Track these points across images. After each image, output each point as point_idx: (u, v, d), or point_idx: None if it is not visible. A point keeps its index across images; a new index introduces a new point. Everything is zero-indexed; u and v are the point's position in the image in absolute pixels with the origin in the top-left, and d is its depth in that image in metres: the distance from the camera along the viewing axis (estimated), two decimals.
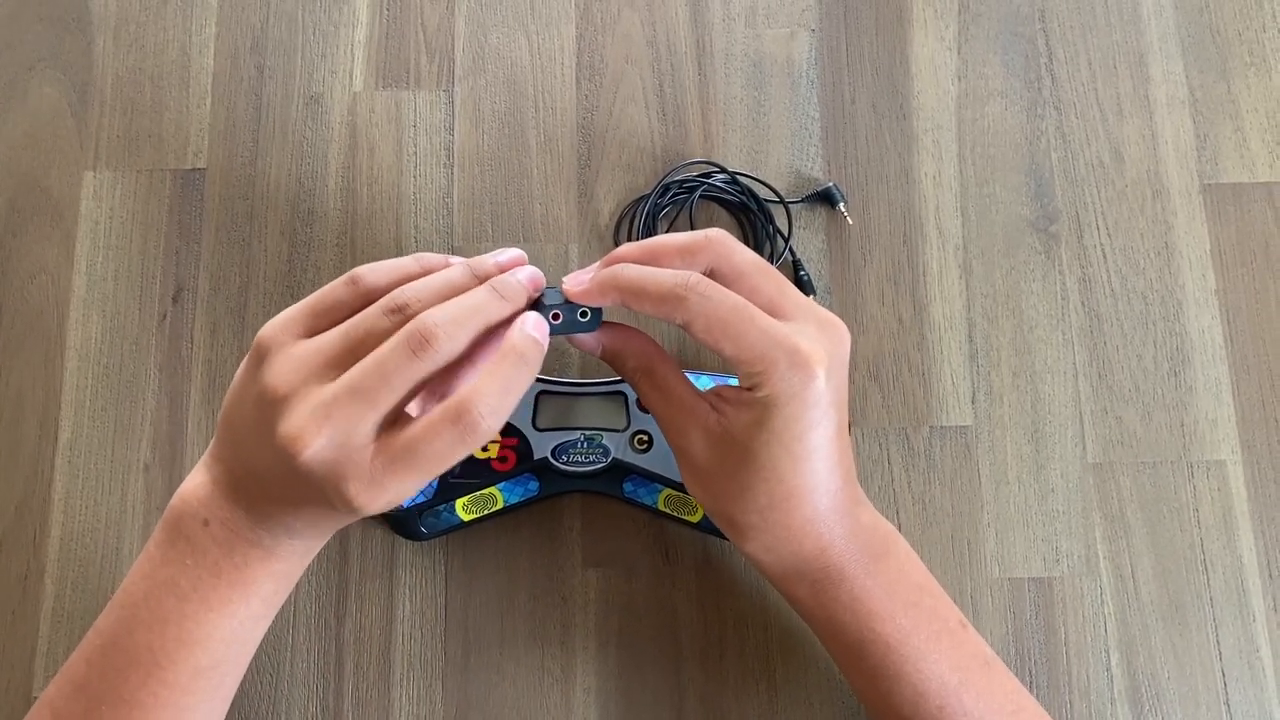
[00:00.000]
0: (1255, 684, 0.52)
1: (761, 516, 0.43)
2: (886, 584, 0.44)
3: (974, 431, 0.55)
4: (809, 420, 0.41)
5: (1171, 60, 0.60)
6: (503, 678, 0.52)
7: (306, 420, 0.37)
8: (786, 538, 0.43)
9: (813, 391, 0.41)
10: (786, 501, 0.42)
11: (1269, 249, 0.57)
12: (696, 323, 0.40)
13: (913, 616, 0.44)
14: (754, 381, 0.41)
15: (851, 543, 0.44)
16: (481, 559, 0.53)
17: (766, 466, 0.42)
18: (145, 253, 0.57)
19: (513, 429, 0.51)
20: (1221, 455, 0.55)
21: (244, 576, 0.41)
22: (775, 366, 0.40)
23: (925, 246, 0.57)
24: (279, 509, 0.40)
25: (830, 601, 0.44)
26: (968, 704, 0.43)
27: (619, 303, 0.42)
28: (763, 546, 0.44)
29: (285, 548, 0.42)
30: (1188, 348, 0.56)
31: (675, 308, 0.41)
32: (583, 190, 0.58)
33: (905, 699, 0.43)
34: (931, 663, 0.43)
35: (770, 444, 0.41)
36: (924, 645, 0.43)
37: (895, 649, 0.43)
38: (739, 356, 0.41)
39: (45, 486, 0.54)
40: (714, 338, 0.40)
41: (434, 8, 0.61)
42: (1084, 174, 0.58)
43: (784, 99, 0.59)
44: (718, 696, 0.52)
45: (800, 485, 0.42)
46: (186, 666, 0.41)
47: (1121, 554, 0.53)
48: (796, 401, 0.40)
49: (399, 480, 0.38)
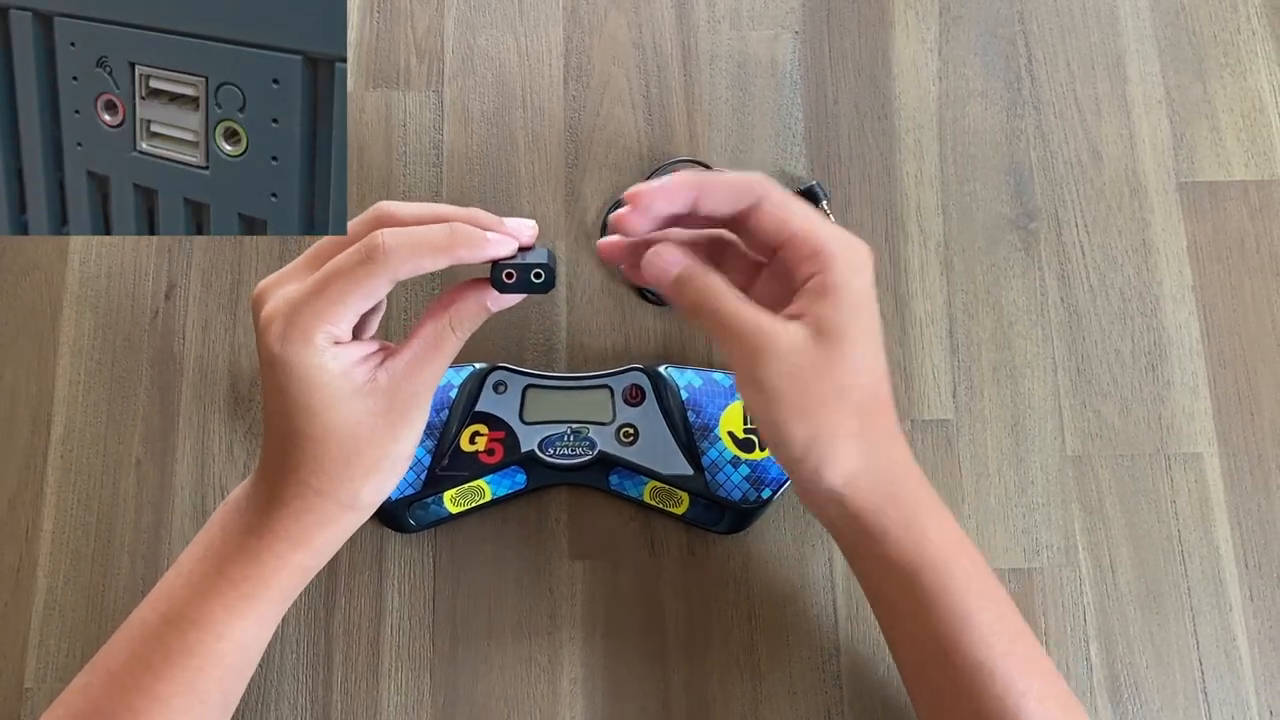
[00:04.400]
0: (1232, 672, 0.53)
1: (860, 419, 0.42)
2: (950, 517, 0.45)
3: (955, 425, 0.56)
4: (873, 303, 0.42)
5: (1148, 61, 0.61)
6: (490, 668, 0.52)
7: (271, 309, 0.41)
8: (884, 446, 0.43)
9: (869, 270, 0.42)
10: (876, 398, 0.43)
11: (1244, 246, 0.58)
12: (771, 197, 0.42)
13: (977, 561, 0.44)
14: (819, 265, 0.41)
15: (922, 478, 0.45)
16: (469, 551, 0.54)
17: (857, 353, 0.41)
18: (138, 250, 0.58)
19: (500, 422, 0.52)
20: (1198, 448, 0.56)
21: (267, 571, 0.43)
22: (839, 242, 0.42)
23: (907, 244, 0.58)
24: (288, 476, 0.42)
25: (919, 535, 0.43)
26: (1031, 653, 0.43)
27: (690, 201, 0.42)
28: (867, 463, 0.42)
29: (304, 531, 0.43)
30: (1165, 342, 0.57)
31: (749, 186, 0.42)
32: (570, 189, 0.59)
33: (978, 640, 0.42)
34: (1000, 603, 0.44)
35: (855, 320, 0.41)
36: (991, 587, 0.44)
37: (971, 589, 0.43)
38: (808, 230, 0.42)
39: (38, 481, 0.55)
40: (783, 212, 0.42)
41: (423, 10, 0.62)
42: (1063, 173, 0.59)
43: (768, 99, 0.60)
44: (703, 685, 0.52)
45: (882, 378, 0.43)
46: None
47: (1100, 545, 0.54)
48: (862, 276, 0.42)
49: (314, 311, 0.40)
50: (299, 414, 0.41)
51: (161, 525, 0.54)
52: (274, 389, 0.41)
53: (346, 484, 0.42)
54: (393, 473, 0.43)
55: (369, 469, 0.42)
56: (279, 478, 0.43)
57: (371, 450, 0.42)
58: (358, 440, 0.42)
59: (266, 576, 0.43)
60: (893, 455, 0.44)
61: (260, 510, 0.43)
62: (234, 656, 0.43)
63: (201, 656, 0.42)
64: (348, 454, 0.42)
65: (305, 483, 0.42)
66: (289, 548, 0.43)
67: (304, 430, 0.41)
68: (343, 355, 0.41)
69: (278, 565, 0.43)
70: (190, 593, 0.43)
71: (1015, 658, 0.43)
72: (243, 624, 0.43)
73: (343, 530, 0.44)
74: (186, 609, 0.43)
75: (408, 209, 0.42)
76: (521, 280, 0.42)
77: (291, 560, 0.43)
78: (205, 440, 0.55)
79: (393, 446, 0.42)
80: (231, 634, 0.43)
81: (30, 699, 0.52)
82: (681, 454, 0.52)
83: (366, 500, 0.43)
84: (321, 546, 0.44)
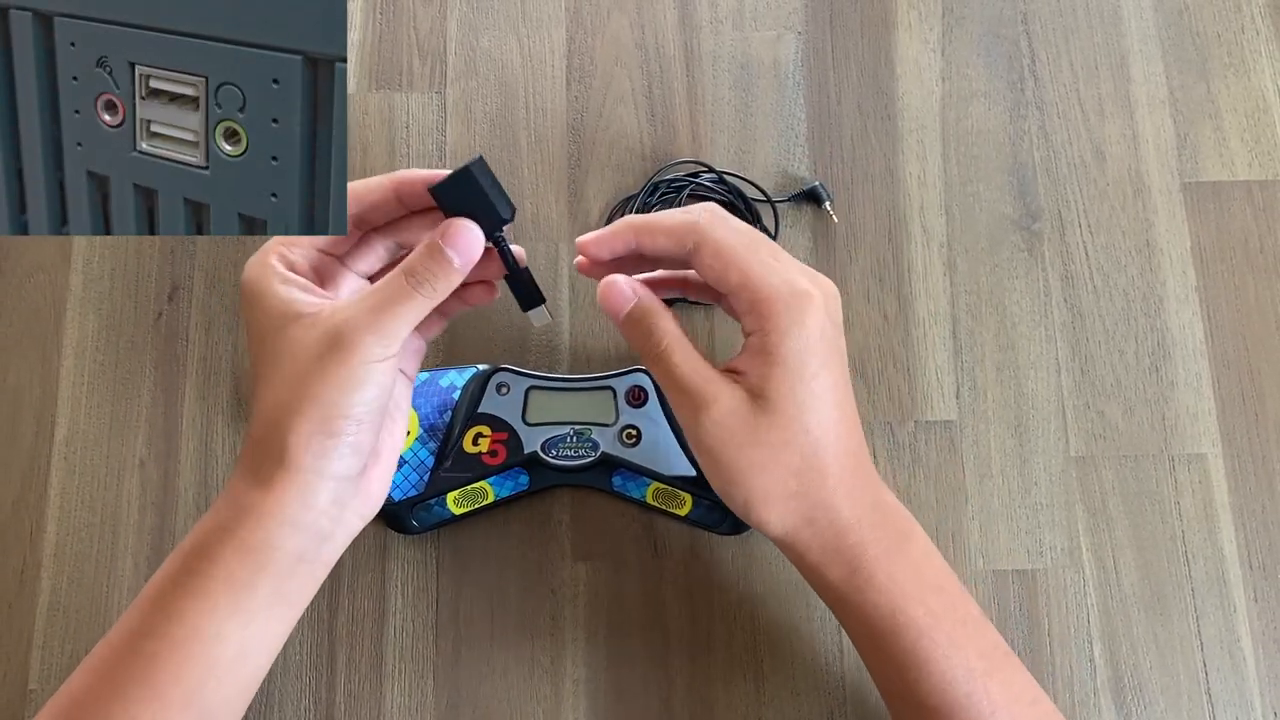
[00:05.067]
0: (1236, 673, 0.53)
1: (798, 479, 0.42)
2: (914, 566, 0.44)
3: (958, 426, 0.56)
4: (820, 356, 0.42)
5: (1152, 61, 0.61)
6: (493, 669, 0.52)
7: (256, 254, 0.43)
8: (823, 503, 0.43)
9: (814, 320, 0.42)
10: (815, 457, 0.42)
11: (1248, 246, 0.58)
12: (706, 248, 0.42)
13: (940, 601, 0.44)
14: (758, 319, 0.42)
15: (878, 515, 0.44)
16: (472, 552, 0.54)
17: (791, 415, 0.42)
18: (141, 251, 0.58)
19: (503, 424, 0.52)
20: (1202, 449, 0.56)
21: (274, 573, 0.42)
22: (778, 296, 0.41)
23: (910, 244, 0.58)
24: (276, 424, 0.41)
25: (865, 584, 0.43)
26: (994, 692, 0.43)
27: (630, 245, 0.44)
28: (804, 519, 0.43)
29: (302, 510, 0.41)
30: (1169, 343, 0.57)
31: (688, 231, 0.42)
32: (573, 190, 0.59)
33: (933, 686, 0.43)
34: (959, 649, 0.43)
35: (793, 388, 0.41)
36: (952, 631, 0.43)
37: (926, 634, 0.43)
38: (744, 283, 0.42)
39: (42, 482, 0.55)
40: (722, 263, 0.42)
41: (426, 11, 0.62)
42: (1066, 173, 0.59)
43: (770, 100, 0.60)
44: (705, 687, 0.52)
45: (823, 436, 0.42)
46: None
47: (1104, 546, 0.54)
48: (802, 333, 0.41)
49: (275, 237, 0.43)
50: (254, 344, 0.42)
51: (165, 527, 0.54)
52: (245, 326, 0.44)
53: (275, 429, 0.40)
54: (320, 422, 0.40)
55: (294, 409, 0.40)
56: (241, 444, 0.44)
57: (300, 385, 0.40)
58: (292, 372, 0.40)
59: (211, 550, 0.41)
60: (836, 508, 0.43)
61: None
62: (190, 646, 0.40)
63: (156, 641, 0.40)
64: (282, 392, 0.40)
65: (252, 436, 0.42)
66: (230, 516, 0.41)
67: (257, 367, 0.42)
68: (292, 281, 0.42)
69: (220, 538, 0.41)
70: (158, 573, 0.42)
71: (975, 699, 0.42)
72: (194, 605, 0.40)
73: (283, 503, 0.41)
74: (151, 590, 0.42)
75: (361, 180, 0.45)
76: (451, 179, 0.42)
77: (235, 534, 0.41)
78: (209, 442, 0.55)
79: (321, 388, 0.40)
80: (183, 616, 0.40)
81: (34, 700, 0.52)
82: (684, 455, 0.52)
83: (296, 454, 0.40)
84: (264, 520, 0.41)
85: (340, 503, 0.42)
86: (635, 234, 0.44)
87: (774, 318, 0.41)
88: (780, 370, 0.41)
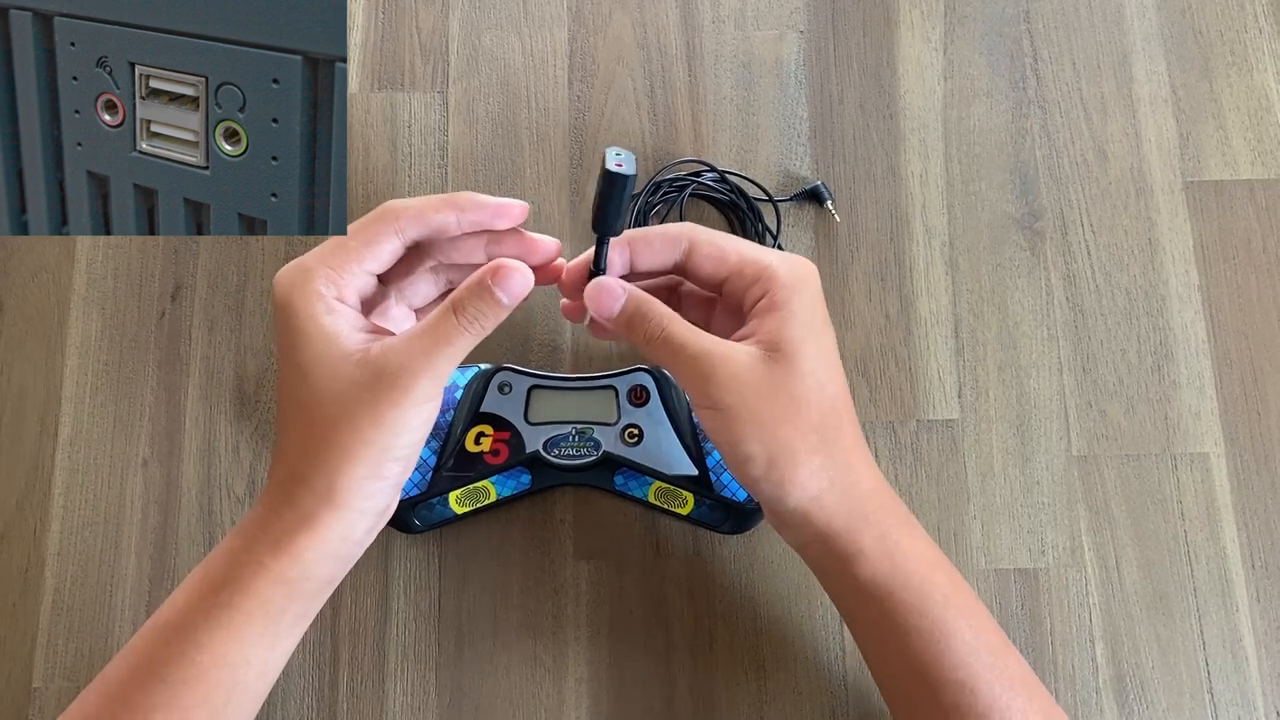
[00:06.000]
0: (1239, 673, 0.52)
1: (819, 435, 0.42)
2: (926, 537, 0.44)
3: (960, 425, 0.56)
4: (822, 317, 0.43)
5: (1154, 60, 0.61)
6: (496, 668, 0.53)
7: (286, 266, 0.42)
8: (846, 464, 0.42)
9: (814, 283, 0.44)
10: (834, 414, 0.42)
11: (1250, 245, 0.58)
12: (701, 243, 0.44)
13: (953, 575, 0.44)
14: (764, 287, 0.43)
15: (887, 488, 0.44)
16: (475, 551, 0.54)
17: (808, 369, 0.42)
18: (144, 251, 0.58)
19: (505, 423, 0.52)
20: (1205, 448, 0.55)
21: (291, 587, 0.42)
22: (780, 261, 0.43)
23: (911, 244, 0.58)
24: (303, 455, 0.41)
25: (894, 549, 0.42)
26: (1011, 667, 0.43)
27: (627, 256, 0.45)
28: (829, 480, 0.42)
29: (325, 527, 0.41)
30: (1171, 342, 0.57)
31: (679, 234, 0.44)
32: (574, 189, 0.59)
33: (960, 659, 0.42)
34: (979, 618, 0.43)
35: (805, 340, 0.42)
36: (971, 604, 0.43)
37: (952, 602, 0.42)
38: (744, 260, 0.43)
39: (46, 481, 0.55)
40: (719, 250, 0.44)
41: (428, 10, 0.62)
42: (1068, 172, 0.59)
43: (772, 99, 0.60)
44: (708, 686, 0.52)
45: (839, 392, 0.43)
46: None
47: (1106, 545, 0.54)
48: (807, 291, 0.43)
49: (320, 257, 0.41)
50: (293, 374, 0.41)
51: (168, 526, 0.54)
52: (279, 350, 0.42)
53: (322, 466, 0.40)
54: (373, 465, 0.40)
55: (345, 452, 0.40)
56: (272, 469, 0.42)
57: (350, 427, 0.40)
58: (339, 414, 0.40)
59: (244, 583, 0.41)
60: (858, 470, 0.43)
61: (252, 510, 0.43)
62: (218, 673, 0.40)
63: (183, 669, 0.40)
64: (327, 431, 0.40)
65: (289, 466, 0.41)
66: (266, 551, 0.41)
67: (294, 396, 0.41)
68: (340, 313, 0.41)
69: (256, 571, 0.41)
70: (180, 598, 0.42)
71: (997, 673, 0.42)
72: (222, 635, 0.40)
73: (325, 539, 0.41)
74: (174, 617, 0.41)
75: (414, 200, 0.43)
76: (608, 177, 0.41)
77: (270, 568, 0.41)
78: (212, 441, 0.55)
79: (374, 431, 0.40)
80: (212, 646, 0.40)
81: (38, 698, 0.52)
82: (686, 455, 0.52)
83: (344, 495, 0.40)
84: (303, 554, 0.41)
85: (372, 531, 0.44)
86: (629, 242, 0.45)
87: (779, 278, 0.43)
88: (797, 322, 0.42)
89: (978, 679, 0.42)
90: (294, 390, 0.41)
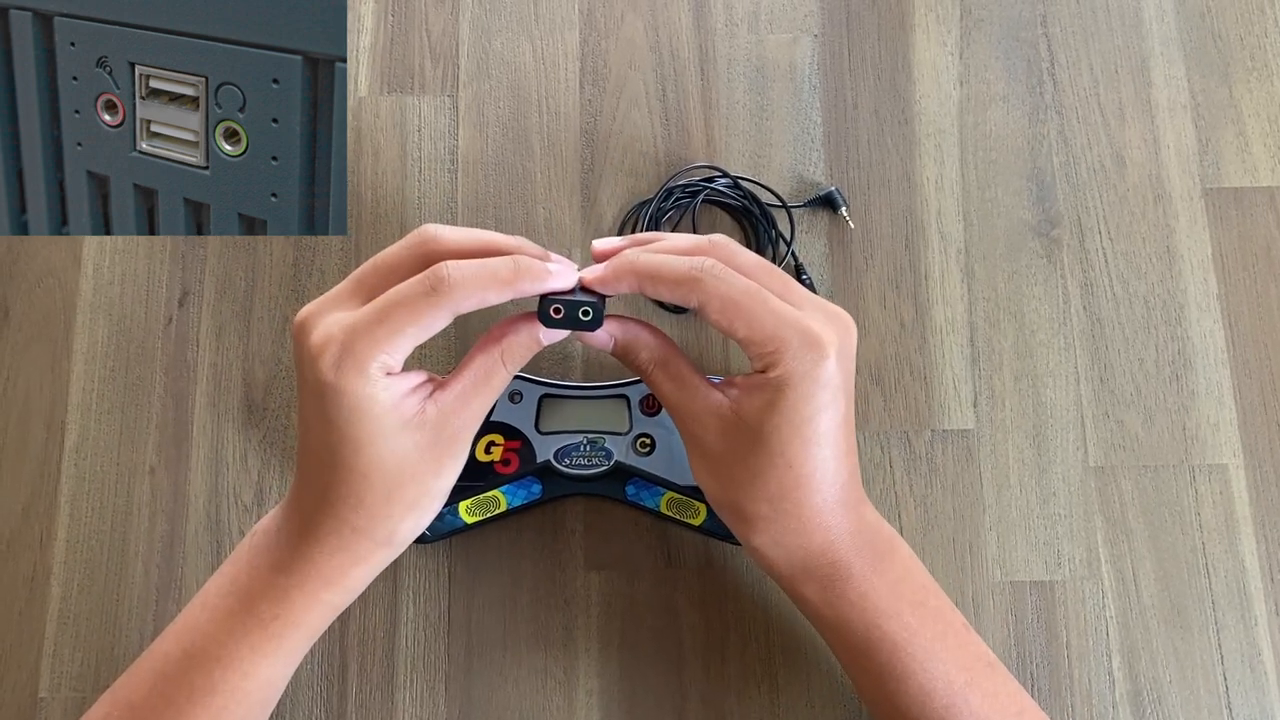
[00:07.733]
0: (1257, 688, 0.52)
1: (771, 506, 0.43)
2: (892, 582, 0.44)
3: (976, 435, 0.55)
4: (819, 402, 0.41)
5: (1173, 65, 0.60)
6: (506, 680, 0.52)
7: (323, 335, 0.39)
8: (796, 529, 0.43)
9: (824, 371, 0.41)
10: (796, 490, 0.42)
11: (1270, 253, 0.58)
12: (711, 304, 0.41)
13: (919, 616, 0.44)
14: (766, 362, 0.41)
15: (857, 539, 0.44)
16: (485, 562, 0.53)
17: (777, 450, 0.42)
18: (151, 256, 0.57)
19: (516, 432, 0.52)
20: (1223, 459, 0.55)
21: (294, 611, 0.43)
22: (787, 346, 0.41)
23: (927, 250, 0.58)
24: (324, 509, 0.41)
25: (837, 599, 0.44)
26: (974, 704, 0.43)
27: (634, 288, 0.42)
28: (771, 540, 0.43)
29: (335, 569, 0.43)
30: (1189, 351, 0.56)
31: (691, 289, 0.41)
32: (586, 194, 0.59)
33: (912, 699, 0.43)
34: (938, 662, 0.43)
35: (781, 427, 0.41)
36: (930, 645, 0.44)
37: (902, 648, 0.43)
38: (751, 337, 0.41)
39: (52, 488, 0.54)
40: (728, 318, 0.41)
41: (438, 14, 0.61)
42: (1086, 178, 0.59)
43: (786, 104, 0.60)
44: (720, 698, 0.52)
45: (810, 473, 0.42)
46: None
47: (1123, 557, 0.54)
48: (808, 381, 0.41)
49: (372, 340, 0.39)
50: (344, 445, 0.40)
51: (175, 534, 0.54)
52: (319, 418, 0.40)
53: (385, 521, 0.41)
54: (431, 508, 0.43)
55: (409, 505, 0.42)
56: (315, 513, 0.42)
57: (414, 485, 0.41)
58: (402, 475, 0.41)
59: (296, 615, 0.42)
60: (807, 534, 0.43)
61: (292, 546, 0.42)
62: (258, 694, 0.43)
63: (226, 695, 0.42)
64: (390, 489, 0.41)
65: (343, 519, 0.41)
66: (320, 586, 0.42)
67: (348, 463, 0.40)
68: (394, 387, 0.40)
69: (308, 604, 0.42)
70: (215, 629, 0.42)
71: (956, 710, 0.43)
72: (269, 662, 0.43)
73: (375, 567, 0.43)
74: (211, 645, 0.42)
75: (454, 235, 0.41)
76: (570, 317, 0.42)
77: (322, 599, 0.43)
78: (219, 448, 0.55)
79: (434, 482, 0.42)
80: (258, 673, 0.42)
81: (44, 708, 0.52)
82: None
83: (403, 537, 0.43)
84: (353, 584, 0.43)
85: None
86: (637, 280, 0.42)
87: (782, 365, 0.41)
88: (777, 411, 0.41)
89: (932, 717, 0.43)
90: (345, 459, 0.40)
